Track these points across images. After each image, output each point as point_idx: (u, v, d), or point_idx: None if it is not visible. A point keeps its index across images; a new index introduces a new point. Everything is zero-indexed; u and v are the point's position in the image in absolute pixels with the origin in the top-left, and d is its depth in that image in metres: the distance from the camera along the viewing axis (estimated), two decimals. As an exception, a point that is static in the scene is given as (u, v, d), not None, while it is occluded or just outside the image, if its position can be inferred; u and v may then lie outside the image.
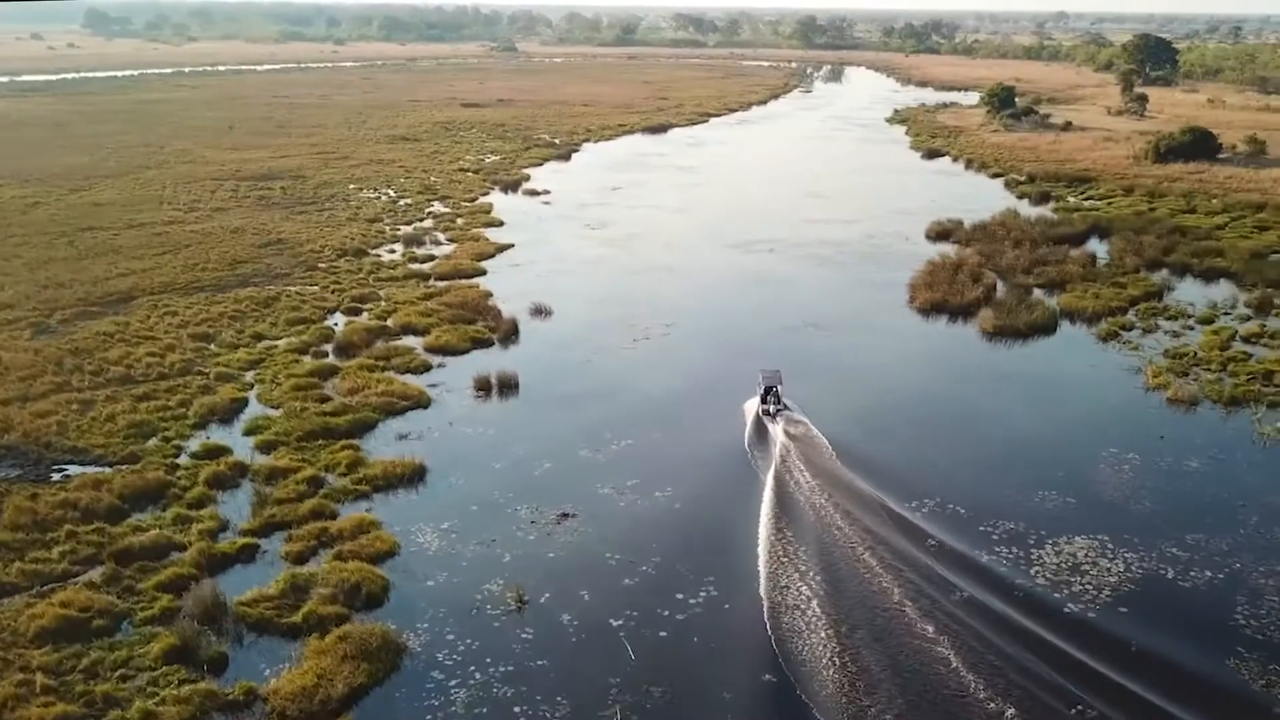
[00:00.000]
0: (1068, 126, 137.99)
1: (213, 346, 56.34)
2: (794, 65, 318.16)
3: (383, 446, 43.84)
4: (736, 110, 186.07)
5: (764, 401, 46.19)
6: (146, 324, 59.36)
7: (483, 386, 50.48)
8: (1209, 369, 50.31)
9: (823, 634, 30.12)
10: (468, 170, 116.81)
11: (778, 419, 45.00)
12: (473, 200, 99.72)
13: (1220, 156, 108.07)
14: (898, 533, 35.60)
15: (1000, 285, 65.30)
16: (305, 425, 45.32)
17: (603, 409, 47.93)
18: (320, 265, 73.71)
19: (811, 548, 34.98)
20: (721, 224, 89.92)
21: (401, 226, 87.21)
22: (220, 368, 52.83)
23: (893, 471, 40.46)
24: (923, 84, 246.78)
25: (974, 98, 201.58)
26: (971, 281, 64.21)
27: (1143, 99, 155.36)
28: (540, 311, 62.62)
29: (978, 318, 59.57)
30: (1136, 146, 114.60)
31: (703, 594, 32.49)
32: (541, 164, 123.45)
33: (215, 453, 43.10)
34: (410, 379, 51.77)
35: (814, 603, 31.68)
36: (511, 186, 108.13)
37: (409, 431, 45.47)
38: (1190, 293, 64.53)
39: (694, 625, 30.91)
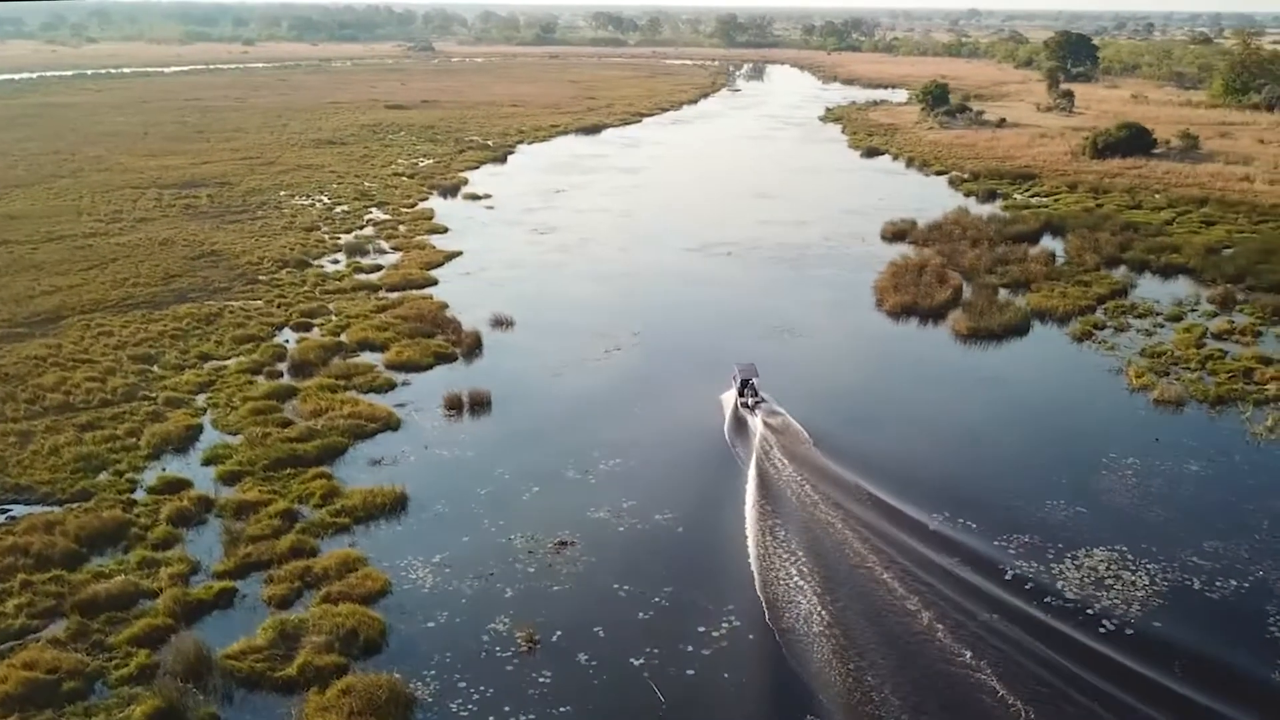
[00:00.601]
0: (1002, 123, 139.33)
1: (156, 368, 52.98)
2: (716, 64, 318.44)
3: (357, 474, 41.29)
4: (668, 109, 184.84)
5: (741, 394, 46.54)
6: (80, 345, 55.62)
7: (454, 405, 48.06)
8: (1188, 368, 50.24)
9: (854, 664, 28.72)
10: (402, 175, 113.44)
11: (756, 411, 45.30)
12: (412, 206, 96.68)
13: (1155, 152, 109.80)
14: (919, 546, 34.36)
15: (966, 286, 64.75)
16: (270, 453, 42.48)
17: (585, 426, 45.98)
18: (261, 278, 70.26)
19: (820, 562, 33.69)
20: (674, 226, 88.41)
21: (341, 235, 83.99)
22: (168, 392, 49.54)
23: (895, 480, 39.13)
24: (849, 81, 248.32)
25: (903, 95, 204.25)
26: (937, 283, 63.62)
27: (1070, 95, 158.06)
28: (501, 323, 60.31)
29: (950, 320, 58.93)
30: (1073, 143, 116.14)
31: (724, 625, 30.78)
32: (478, 167, 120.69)
33: (175, 486, 40.07)
34: (375, 399, 49.14)
35: (838, 630, 30.22)
36: (450, 191, 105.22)
37: (382, 456, 42.94)
38: (1152, 290, 64.81)
39: (721, 661, 29.17)
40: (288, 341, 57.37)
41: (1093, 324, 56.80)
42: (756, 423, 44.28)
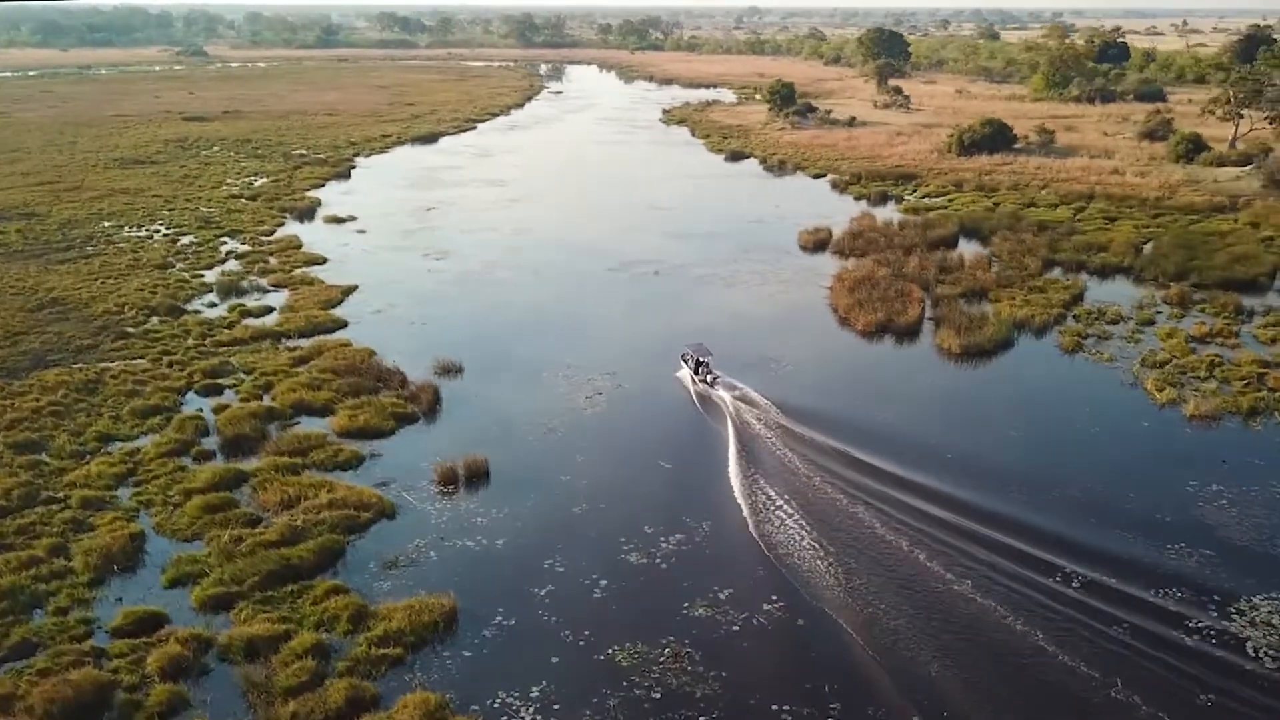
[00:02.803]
0: (853, 122, 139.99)
1: (48, 458, 43.19)
2: (518, 65, 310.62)
3: (374, 582, 33.95)
4: (498, 115, 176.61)
5: (697, 374, 50.04)
6: (-65, 435, 44.79)
7: (448, 479, 40.92)
8: (1198, 376, 49.21)
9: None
10: (241, 196, 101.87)
11: (716, 386, 49.11)
12: (270, 234, 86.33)
13: (1017, 147, 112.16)
14: (1064, 618, 30.81)
15: (925, 298, 62.20)
16: (258, 565, 34.39)
17: (615, 494, 39.91)
18: (130, 330, 59.87)
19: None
20: (580, 245, 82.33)
21: (203, 271, 73.55)
22: (80, 491, 40.11)
23: (1000, 525, 35.76)
24: (666, 82, 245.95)
25: (729, 94, 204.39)
26: (897, 296, 60.85)
27: (900, 91, 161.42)
28: (449, 370, 53.13)
29: (935, 337, 56.04)
30: (936, 140, 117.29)
31: (922, 743, 26.11)
32: (323, 184, 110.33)
33: (148, 624, 31.65)
34: (347, 478, 41.39)
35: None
36: (306, 214, 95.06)
37: (396, 556, 35.59)
38: (1101, 292, 64.19)
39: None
40: (202, 410, 48.25)
41: (1076, 334, 55.24)
42: (726, 397, 48.02)
